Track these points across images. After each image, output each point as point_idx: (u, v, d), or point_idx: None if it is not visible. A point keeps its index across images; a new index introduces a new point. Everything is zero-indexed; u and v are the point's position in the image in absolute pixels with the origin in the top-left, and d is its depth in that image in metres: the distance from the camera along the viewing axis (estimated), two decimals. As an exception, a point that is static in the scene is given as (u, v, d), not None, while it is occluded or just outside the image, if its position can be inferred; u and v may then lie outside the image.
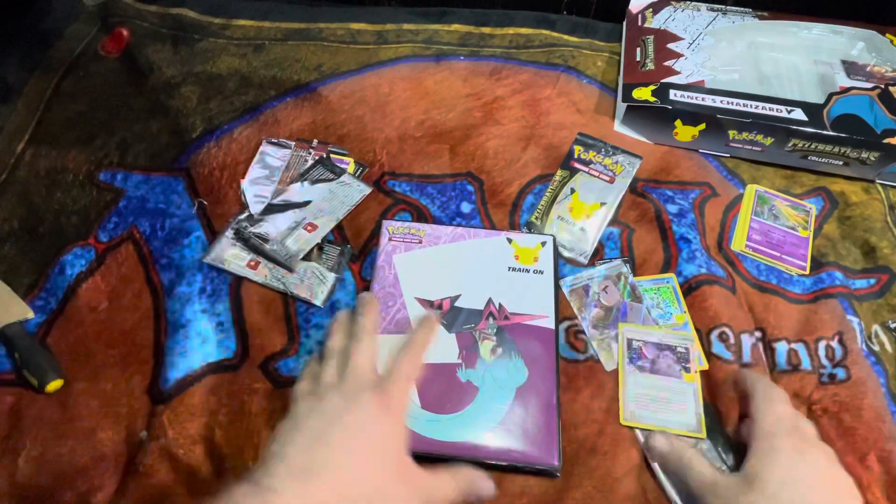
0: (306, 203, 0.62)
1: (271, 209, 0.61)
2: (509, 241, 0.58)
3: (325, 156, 0.66)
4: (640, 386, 0.51)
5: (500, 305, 0.54)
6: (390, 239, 0.58)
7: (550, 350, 0.51)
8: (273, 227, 0.60)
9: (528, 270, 0.56)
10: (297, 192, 0.63)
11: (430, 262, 0.56)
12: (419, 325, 0.48)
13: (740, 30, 0.75)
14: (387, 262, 0.57)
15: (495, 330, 0.52)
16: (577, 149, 0.66)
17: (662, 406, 0.50)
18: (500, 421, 0.48)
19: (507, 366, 0.50)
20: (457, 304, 0.54)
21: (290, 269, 0.57)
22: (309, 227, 0.60)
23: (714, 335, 0.53)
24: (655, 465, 0.47)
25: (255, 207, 0.62)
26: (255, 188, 0.63)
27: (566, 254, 0.59)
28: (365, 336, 0.45)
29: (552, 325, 0.53)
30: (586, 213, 0.61)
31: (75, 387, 0.50)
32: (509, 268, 0.56)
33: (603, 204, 0.62)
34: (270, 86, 0.74)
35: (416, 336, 0.46)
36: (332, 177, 0.64)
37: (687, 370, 0.52)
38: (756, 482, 0.39)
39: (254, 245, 0.58)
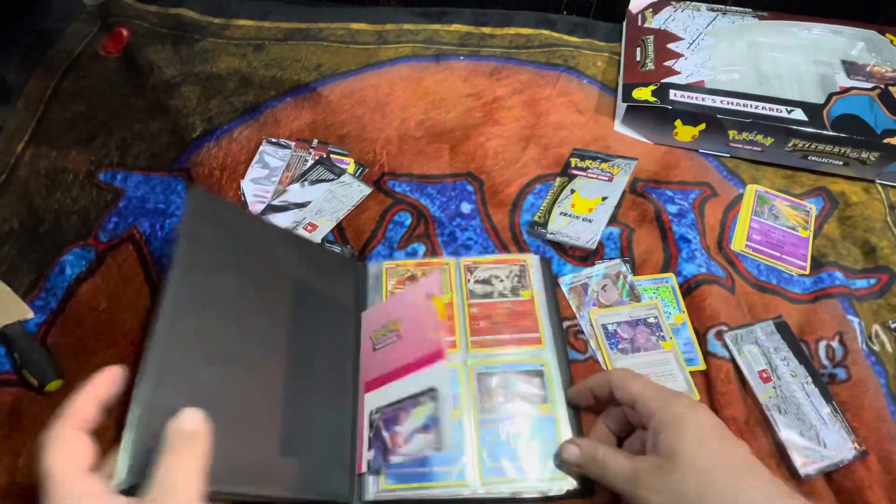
0: (306, 203, 0.62)
1: (271, 209, 0.61)
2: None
3: (325, 156, 0.66)
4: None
5: None
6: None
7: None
8: None
9: None
10: (297, 192, 0.63)
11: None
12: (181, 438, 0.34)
13: (740, 30, 0.75)
14: None
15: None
16: (574, 160, 0.66)
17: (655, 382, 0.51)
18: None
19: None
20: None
21: None
22: (309, 227, 0.60)
23: (711, 334, 0.53)
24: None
25: (255, 207, 0.62)
26: (255, 188, 0.63)
27: (573, 242, 0.59)
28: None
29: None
30: (589, 207, 0.61)
31: (75, 387, 0.50)
32: None
33: (605, 198, 0.62)
34: (270, 86, 0.74)
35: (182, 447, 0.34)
36: (332, 177, 0.64)
37: (663, 338, 0.53)
38: (677, 457, 0.36)
39: None
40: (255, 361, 0.44)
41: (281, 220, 0.61)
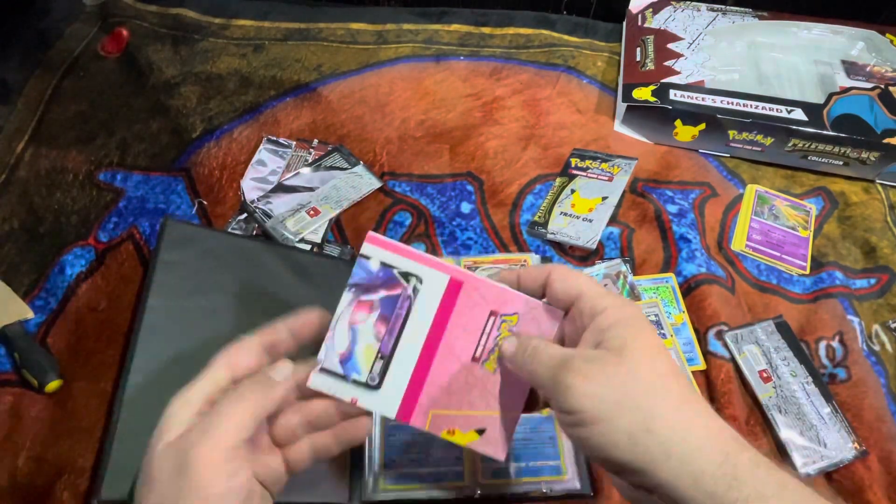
0: (314, 188, 0.63)
1: (280, 188, 0.62)
2: None
3: (341, 145, 0.67)
4: None
5: None
6: None
7: None
8: (278, 206, 0.61)
9: None
10: (308, 175, 0.64)
11: None
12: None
13: (740, 30, 0.75)
14: None
15: None
16: (574, 160, 0.66)
17: None
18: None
19: None
20: None
21: None
22: (311, 212, 0.60)
23: (711, 333, 0.53)
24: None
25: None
26: (254, 188, 0.63)
27: (574, 242, 0.59)
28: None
29: None
30: (589, 207, 0.61)
31: (75, 386, 0.50)
32: None
33: (605, 198, 0.62)
34: (270, 86, 0.74)
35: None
36: (346, 166, 0.65)
37: (664, 336, 0.53)
38: (629, 353, 0.30)
39: (258, 219, 0.59)
40: None
41: (287, 201, 0.61)
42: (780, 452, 0.48)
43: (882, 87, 0.66)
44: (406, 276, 0.35)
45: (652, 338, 0.31)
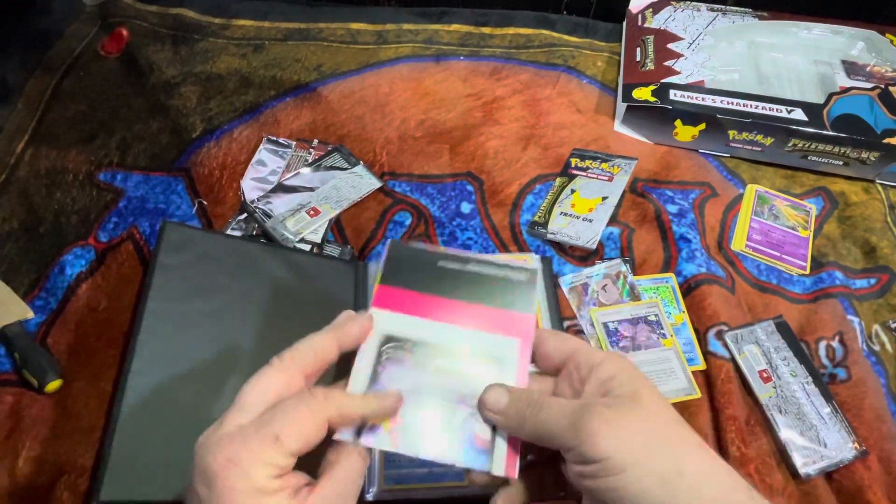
0: (314, 188, 0.63)
1: (280, 188, 0.62)
2: None
3: (341, 145, 0.67)
4: None
5: None
6: None
7: None
8: (278, 206, 0.61)
9: None
10: (308, 175, 0.64)
11: None
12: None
13: (740, 30, 0.75)
14: None
15: None
16: (574, 160, 0.66)
17: (656, 380, 0.51)
18: None
19: None
20: None
21: None
22: (311, 212, 0.60)
23: (711, 333, 0.53)
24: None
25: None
26: (254, 188, 0.63)
27: (574, 242, 0.59)
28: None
29: None
30: (589, 206, 0.61)
31: (75, 386, 0.50)
32: None
33: (605, 198, 0.62)
34: (270, 86, 0.74)
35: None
36: (346, 166, 0.65)
37: (664, 336, 0.53)
38: (642, 399, 0.30)
39: (258, 219, 0.60)
40: (234, 370, 0.47)
41: (287, 201, 0.61)
42: (780, 452, 0.48)
43: (882, 87, 0.66)
44: None
45: (654, 387, 0.31)
